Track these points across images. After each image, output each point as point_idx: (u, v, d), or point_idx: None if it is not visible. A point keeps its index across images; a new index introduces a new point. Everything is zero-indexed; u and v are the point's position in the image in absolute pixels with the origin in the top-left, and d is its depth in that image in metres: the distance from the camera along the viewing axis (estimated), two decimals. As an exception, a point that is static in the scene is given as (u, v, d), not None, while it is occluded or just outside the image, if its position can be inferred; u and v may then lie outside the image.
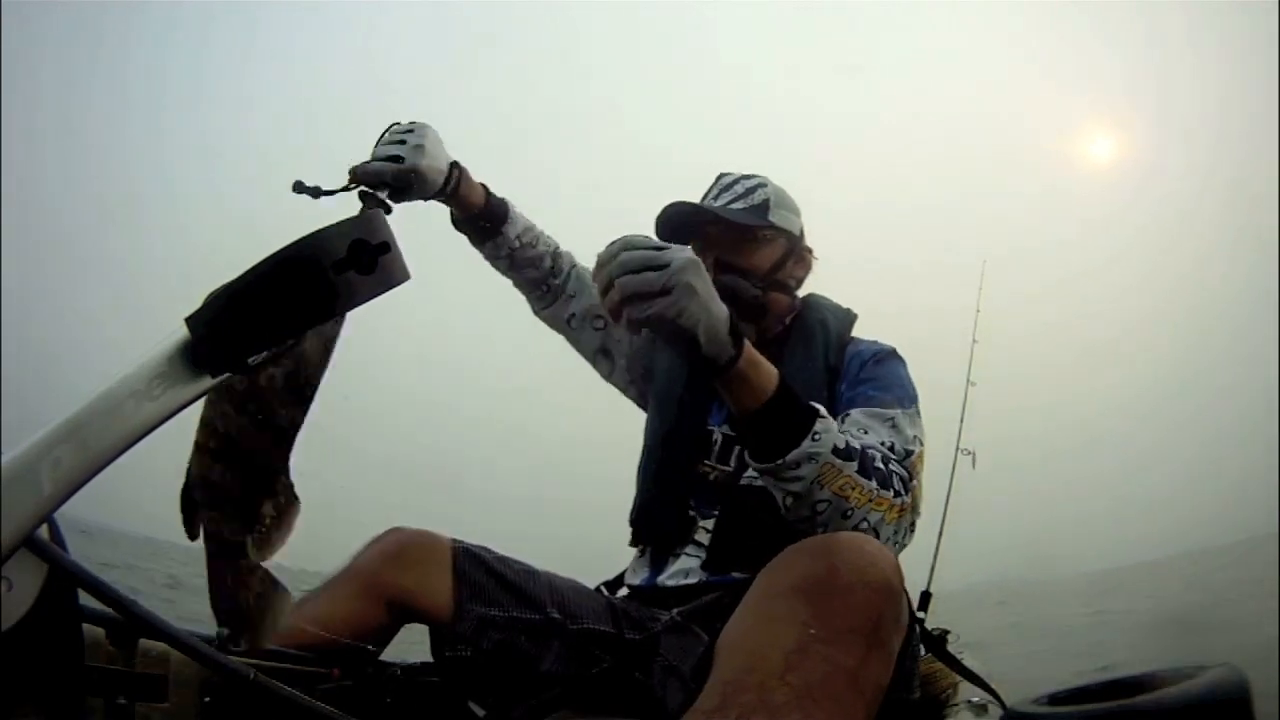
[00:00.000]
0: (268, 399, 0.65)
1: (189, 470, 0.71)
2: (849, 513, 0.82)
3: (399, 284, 0.55)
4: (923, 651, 1.17)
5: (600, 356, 1.30)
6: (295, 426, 0.70)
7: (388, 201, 0.92)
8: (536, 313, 1.31)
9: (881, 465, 0.88)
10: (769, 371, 0.80)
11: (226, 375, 0.52)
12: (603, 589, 1.20)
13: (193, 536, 0.72)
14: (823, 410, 0.83)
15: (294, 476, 0.69)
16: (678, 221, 1.15)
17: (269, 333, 0.52)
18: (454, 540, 1.09)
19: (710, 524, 1.08)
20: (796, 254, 1.19)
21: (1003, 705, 1.08)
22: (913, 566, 0.95)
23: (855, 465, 0.83)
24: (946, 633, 1.24)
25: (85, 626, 0.65)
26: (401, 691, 1.05)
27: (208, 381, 0.51)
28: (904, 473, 0.93)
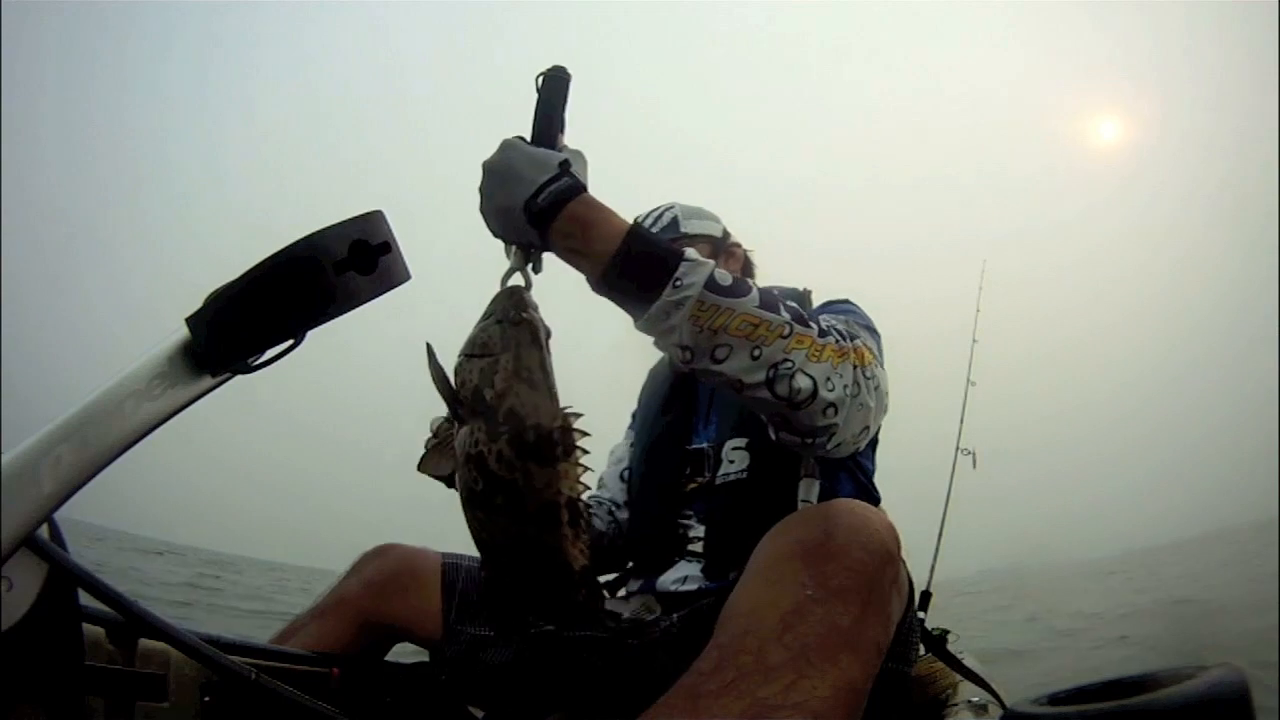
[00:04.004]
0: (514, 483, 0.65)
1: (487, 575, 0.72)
2: (758, 352, 0.73)
3: (400, 284, 0.55)
4: (923, 651, 1.17)
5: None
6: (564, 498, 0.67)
7: None
8: None
9: (799, 309, 0.79)
10: (616, 228, 0.72)
11: (227, 376, 0.52)
12: (604, 590, 1.20)
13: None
14: (691, 253, 0.74)
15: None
16: None
17: (270, 333, 0.52)
18: (445, 555, 1.08)
19: (702, 531, 1.08)
20: (724, 252, 1.22)
21: (1003, 705, 1.08)
22: (913, 567, 0.94)
23: (753, 300, 0.74)
24: (946, 632, 1.24)
25: (85, 626, 0.65)
26: (401, 691, 1.05)
27: (208, 381, 0.51)
28: (845, 330, 0.84)
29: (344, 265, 0.51)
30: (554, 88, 0.77)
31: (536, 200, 0.72)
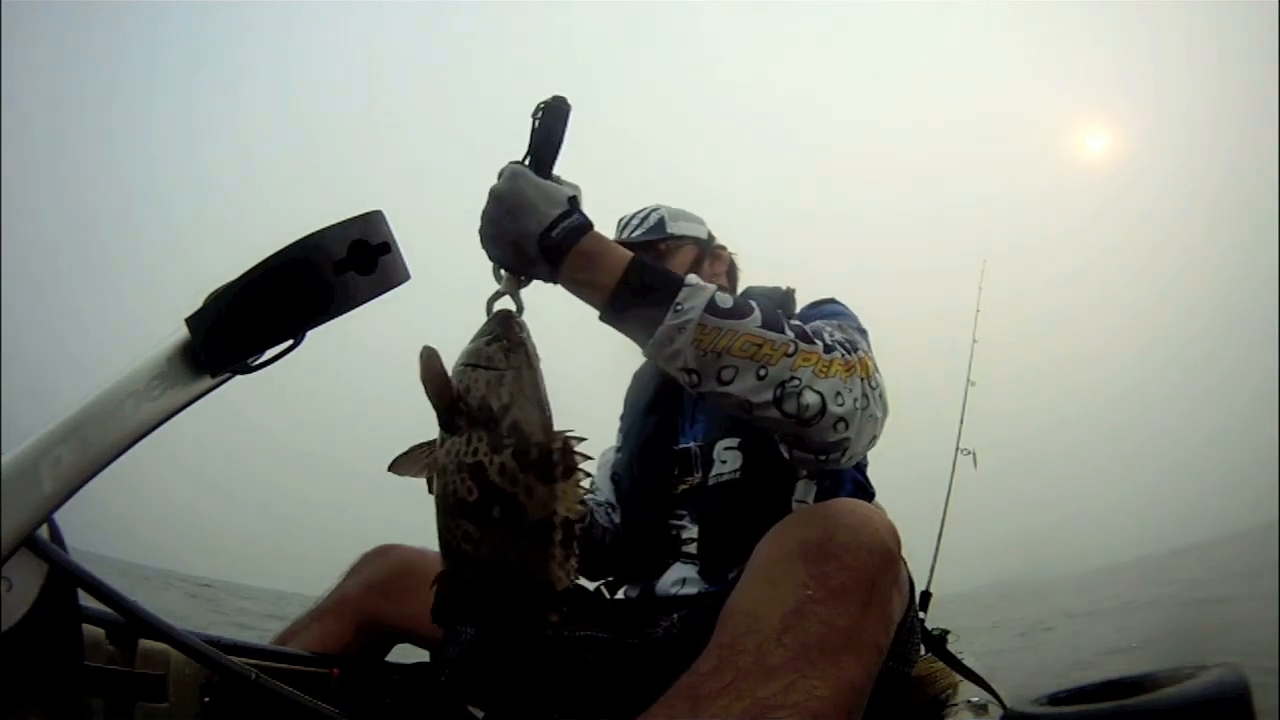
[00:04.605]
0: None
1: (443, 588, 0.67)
2: (764, 372, 0.74)
3: (399, 285, 0.55)
4: (923, 651, 1.17)
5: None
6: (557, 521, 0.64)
7: None
8: None
9: (802, 325, 0.80)
10: (619, 259, 0.75)
11: (227, 376, 0.52)
12: (603, 590, 1.20)
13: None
14: (692, 279, 0.76)
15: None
16: None
17: (270, 333, 0.52)
18: None
19: (695, 532, 1.07)
20: (710, 254, 1.22)
21: (1003, 705, 1.08)
22: (912, 567, 0.94)
23: (756, 321, 0.75)
24: (946, 632, 1.24)
25: (85, 626, 0.65)
26: (401, 692, 1.05)
27: (208, 382, 0.51)
28: (846, 340, 0.85)
29: (343, 265, 0.51)
30: (554, 118, 0.76)
31: (551, 234, 0.73)
